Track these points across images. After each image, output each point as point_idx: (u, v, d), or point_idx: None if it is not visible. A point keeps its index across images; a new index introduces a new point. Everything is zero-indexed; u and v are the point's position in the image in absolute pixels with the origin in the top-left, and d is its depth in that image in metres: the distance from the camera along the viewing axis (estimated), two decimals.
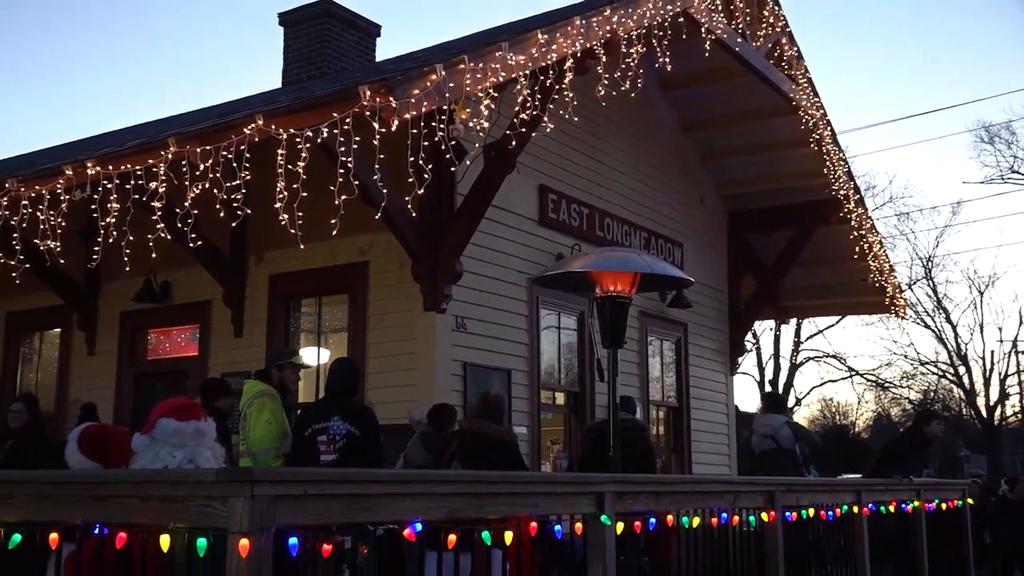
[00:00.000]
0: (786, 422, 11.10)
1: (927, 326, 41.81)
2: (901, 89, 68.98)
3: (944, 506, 10.82)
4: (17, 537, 4.17)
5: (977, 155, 43.01)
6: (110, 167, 8.78)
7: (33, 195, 9.30)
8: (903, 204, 43.07)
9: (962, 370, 42.51)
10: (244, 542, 3.44)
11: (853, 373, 42.87)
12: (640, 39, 10.07)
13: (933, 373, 44.37)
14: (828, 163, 13.90)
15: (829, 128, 13.84)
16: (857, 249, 14.88)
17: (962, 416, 47.13)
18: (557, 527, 5.00)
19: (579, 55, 9.35)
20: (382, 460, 7.09)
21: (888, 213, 39.88)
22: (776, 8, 12.87)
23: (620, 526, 5.34)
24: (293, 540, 3.66)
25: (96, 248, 9.12)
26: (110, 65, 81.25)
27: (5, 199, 9.48)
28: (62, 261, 10.43)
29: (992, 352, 42.83)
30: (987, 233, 61.32)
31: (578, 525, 5.15)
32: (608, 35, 9.65)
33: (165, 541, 3.74)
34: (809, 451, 11.46)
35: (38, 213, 9.25)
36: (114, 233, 8.80)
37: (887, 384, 44.20)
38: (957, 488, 11.89)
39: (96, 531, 4.03)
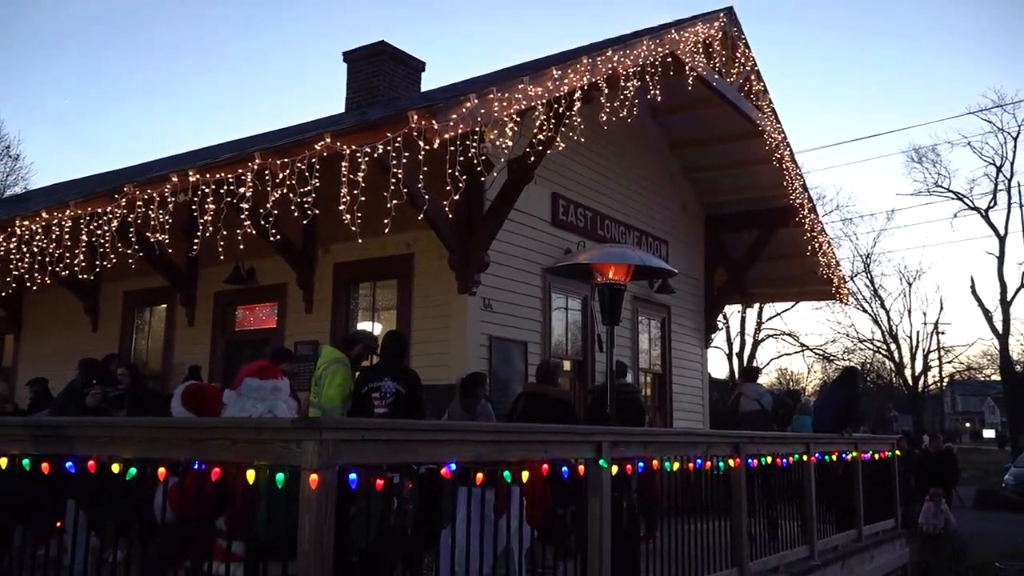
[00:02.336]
0: (767, 390, 11.33)
1: (865, 311, 41.69)
2: (847, 116, 68.36)
3: (877, 456, 10.77)
4: (133, 470, 4.20)
5: (908, 172, 43.15)
6: (207, 175, 8.81)
7: (146, 197, 9.35)
8: (847, 211, 42.94)
9: (893, 347, 42.35)
10: (314, 476, 3.46)
11: (804, 348, 42.76)
12: (636, 75, 10.01)
13: (869, 349, 44.23)
14: (787, 177, 13.79)
15: (788, 149, 13.73)
16: (809, 247, 14.75)
17: (892, 384, 47.00)
18: (564, 469, 5.01)
19: (586, 87, 9.30)
20: (424, 413, 7.10)
21: (835, 219, 39.72)
22: (746, 51, 12.76)
23: (615, 469, 5.35)
24: (352, 476, 3.67)
25: (195, 240, 9.15)
26: (207, 92, 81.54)
27: (123, 200, 9.53)
28: (168, 250, 10.54)
29: (917, 332, 42.88)
30: (915, 236, 60.83)
31: (580, 468, 5.16)
32: (610, 71, 9.59)
33: (251, 475, 3.76)
34: (783, 412, 11.48)
35: (149, 212, 9.29)
36: (210, 228, 8.83)
37: (831, 357, 43.96)
38: (888, 442, 11.85)
39: (195, 466, 4.06)
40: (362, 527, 4.17)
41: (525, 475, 4.63)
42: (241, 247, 8.91)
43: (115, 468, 4.22)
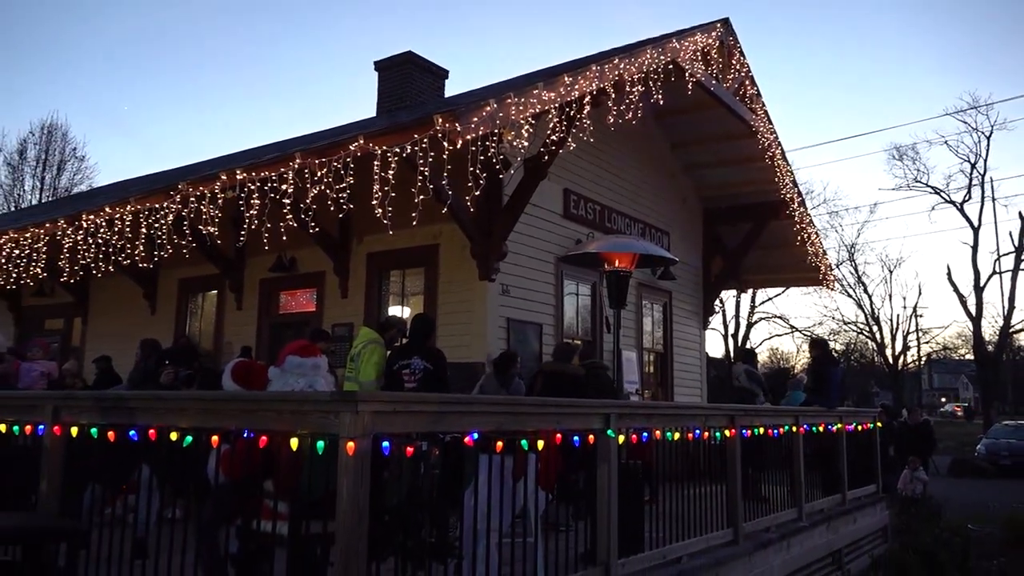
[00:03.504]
0: (745, 369, 11.35)
1: (850, 295, 41.29)
2: (833, 118, 67.64)
3: (860, 428, 10.72)
4: (189, 438, 4.25)
5: (889, 169, 42.75)
6: (253, 173, 8.84)
7: (198, 193, 9.39)
8: (833, 205, 42.55)
9: (875, 329, 42.00)
10: (351, 444, 3.48)
11: (794, 330, 42.41)
12: (640, 81, 9.94)
13: (853, 330, 43.90)
14: (778, 174, 13.66)
15: (779, 148, 13.59)
16: (799, 238, 14.63)
17: (874, 363, 46.66)
18: (576, 438, 5.02)
19: (595, 92, 9.25)
20: (448, 388, 7.13)
21: (822, 211, 39.27)
22: (741, 58, 12.63)
23: (621, 438, 5.35)
24: (385, 443, 3.69)
25: (242, 232, 9.18)
26: (252, 99, 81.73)
27: (178, 196, 9.58)
28: (218, 241, 10.60)
29: (898, 315, 42.50)
30: (896, 227, 60.14)
31: (591, 437, 5.16)
32: (617, 78, 9.53)
33: (294, 442, 3.79)
34: (771, 385, 11.54)
35: (201, 207, 9.34)
36: (255, 221, 8.88)
37: (819, 338, 43.65)
38: (870, 415, 11.78)
39: (245, 435, 4.10)
40: (394, 490, 4.20)
41: (541, 444, 4.65)
42: (283, 238, 8.96)
43: (173, 436, 4.27)
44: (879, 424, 11.82)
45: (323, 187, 8.12)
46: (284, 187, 8.53)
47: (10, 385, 8.93)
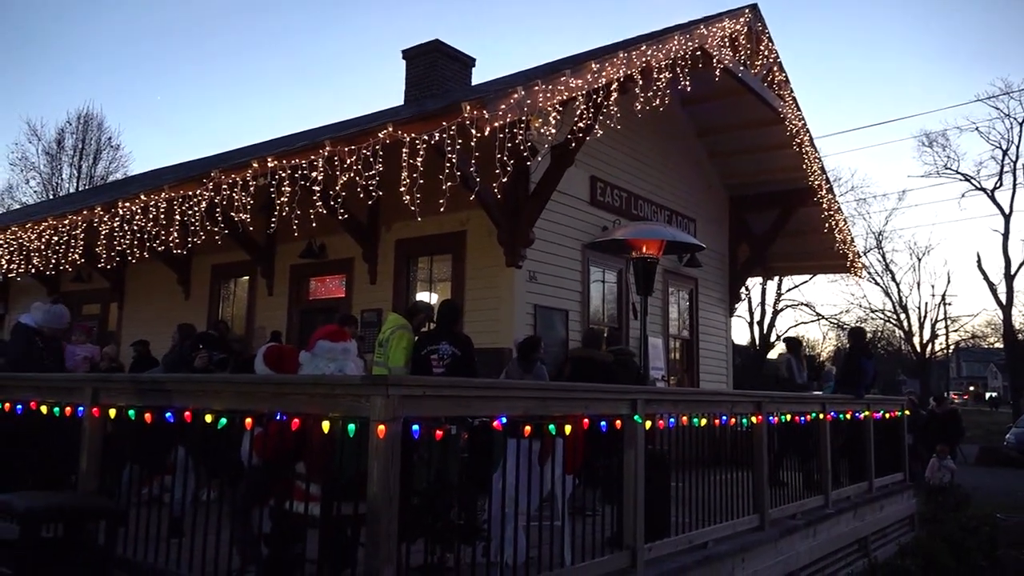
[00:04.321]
0: (787, 359, 11.31)
1: (877, 283, 40.70)
2: (862, 104, 66.61)
3: (887, 415, 10.58)
4: (224, 420, 4.29)
5: (919, 156, 41.69)
6: (283, 161, 8.89)
7: (230, 181, 9.47)
8: (861, 192, 41.82)
9: (903, 316, 41.38)
10: (381, 427, 3.49)
11: (820, 317, 41.88)
12: (667, 67, 9.83)
13: (880, 318, 43.27)
14: (806, 161, 13.48)
15: (808, 135, 13.40)
16: (826, 225, 14.46)
17: (901, 351, 46.02)
18: (603, 423, 5.00)
19: (622, 79, 9.17)
20: (476, 373, 7.13)
21: (850, 199, 38.66)
22: (770, 44, 12.44)
23: (648, 424, 5.32)
24: (415, 427, 3.70)
25: (273, 219, 9.26)
26: (282, 87, 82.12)
27: (211, 184, 9.67)
28: (250, 228, 10.68)
29: (926, 303, 42.00)
30: (925, 215, 59.12)
31: (617, 422, 5.14)
32: (644, 65, 9.43)
33: (326, 425, 3.81)
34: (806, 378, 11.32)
35: (233, 194, 9.42)
36: (286, 208, 8.93)
37: (845, 326, 43.09)
38: (898, 403, 11.62)
39: (278, 417, 4.13)
40: (423, 472, 4.22)
41: (568, 428, 4.63)
42: (313, 225, 9.01)
43: (208, 418, 4.32)
44: (907, 412, 11.66)
45: (352, 174, 8.14)
46: (314, 174, 8.56)
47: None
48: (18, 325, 7.36)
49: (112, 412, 4.95)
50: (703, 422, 6.08)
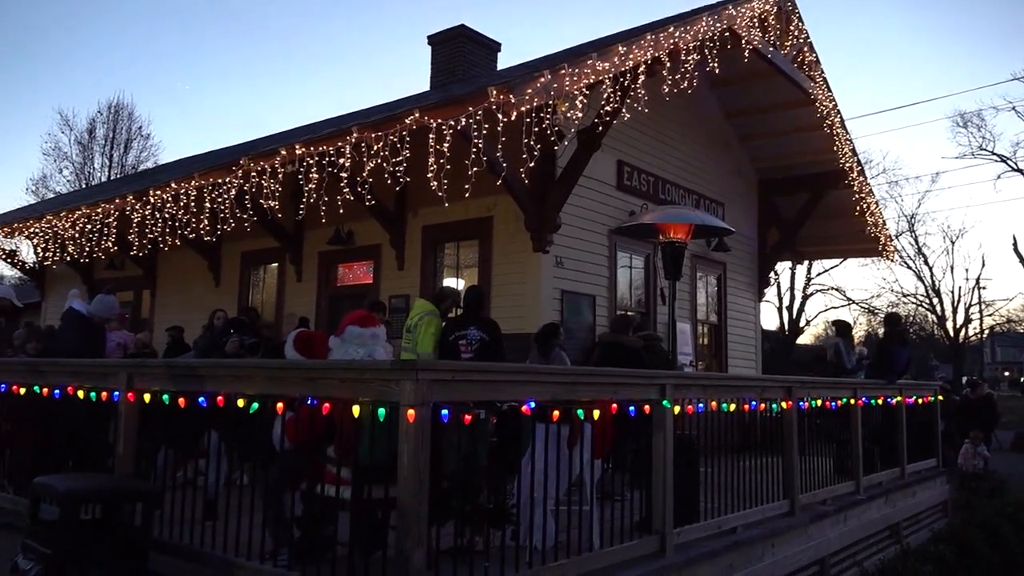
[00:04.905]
0: (834, 344, 11.14)
1: (909, 267, 40.11)
2: (894, 84, 65.41)
3: (920, 401, 10.44)
4: (256, 405, 4.35)
5: (953, 136, 40.79)
6: (311, 148, 8.94)
7: (259, 168, 9.55)
8: (893, 175, 41.14)
9: (935, 301, 40.76)
10: (411, 411, 3.52)
11: (851, 302, 41.38)
12: (695, 49, 9.72)
13: (913, 303, 42.64)
14: (837, 143, 13.28)
15: (839, 116, 13.18)
16: (858, 208, 14.23)
17: (933, 335, 45.35)
18: (631, 408, 4.99)
19: (649, 62, 9.08)
20: (504, 358, 7.15)
21: (882, 182, 38.06)
22: (800, 24, 12.24)
23: (677, 409, 5.31)
24: (444, 411, 3.73)
25: (301, 206, 9.32)
26: (306, 74, 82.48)
27: (240, 171, 9.76)
28: (278, 215, 10.76)
29: (959, 287, 41.00)
30: (959, 197, 58.01)
31: (646, 407, 5.13)
32: (671, 47, 9.33)
33: (356, 409, 3.85)
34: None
35: (262, 181, 9.50)
36: (314, 195, 8.99)
37: (876, 310, 42.55)
38: (931, 388, 11.46)
39: (309, 402, 4.18)
40: (452, 456, 4.24)
41: (596, 413, 4.63)
42: (341, 212, 9.05)
43: (240, 403, 4.38)
44: (941, 397, 11.50)
45: (379, 160, 8.17)
46: (341, 161, 8.61)
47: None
48: (74, 314, 7.44)
49: (147, 397, 5.03)
50: (732, 407, 6.05)
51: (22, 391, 6.03)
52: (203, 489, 5.34)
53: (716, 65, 10.06)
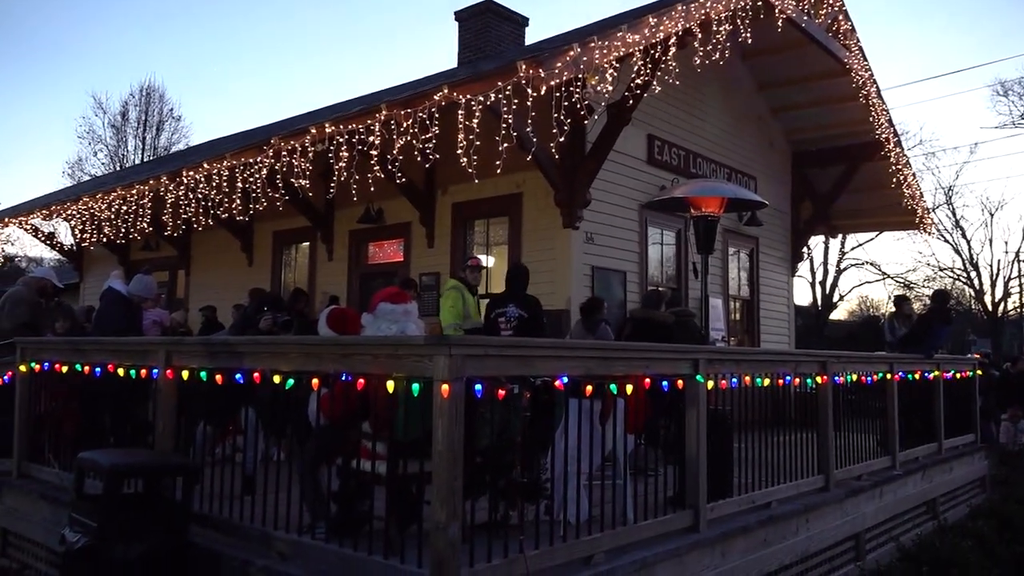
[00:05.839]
0: (887, 321, 11.06)
1: (946, 240, 39.20)
2: (931, 53, 63.86)
3: (958, 376, 10.27)
4: (291, 381, 4.39)
5: (993, 105, 39.63)
6: (341, 126, 8.95)
7: (289, 148, 9.59)
8: (930, 146, 40.24)
9: (973, 275, 39.89)
10: (445, 386, 3.52)
11: (885, 276, 40.65)
12: (727, 19, 9.54)
13: (950, 277, 41.73)
14: (873, 113, 13.00)
15: (875, 86, 12.89)
16: (894, 180, 13.96)
17: (971, 310, 44.51)
18: (664, 383, 4.97)
19: (680, 33, 8.94)
20: (544, 334, 7.19)
21: (918, 153, 37.17)
22: None
23: (710, 383, 5.27)
24: (478, 386, 3.73)
25: (332, 184, 9.36)
26: (333, 53, 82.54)
27: (271, 151, 9.82)
28: (309, 194, 10.81)
29: (998, 261, 40.03)
30: (999, 168, 56.45)
31: (679, 382, 5.10)
32: (703, 17, 9.17)
33: (390, 385, 3.87)
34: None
35: (292, 160, 9.55)
36: (344, 174, 9.02)
37: (912, 285, 41.80)
38: (969, 362, 11.26)
39: (343, 378, 4.21)
40: (486, 431, 4.26)
41: (629, 388, 4.62)
42: (371, 190, 9.07)
43: (276, 379, 4.43)
44: (979, 372, 11.30)
45: (409, 138, 8.16)
46: (371, 139, 8.61)
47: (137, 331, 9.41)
48: (114, 294, 7.57)
49: (185, 374, 5.11)
50: (766, 382, 5.99)
51: (64, 369, 6.16)
52: (241, 465, 5.43)
53: (748, 35, 9.88)
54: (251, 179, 10.28)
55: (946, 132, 55.41)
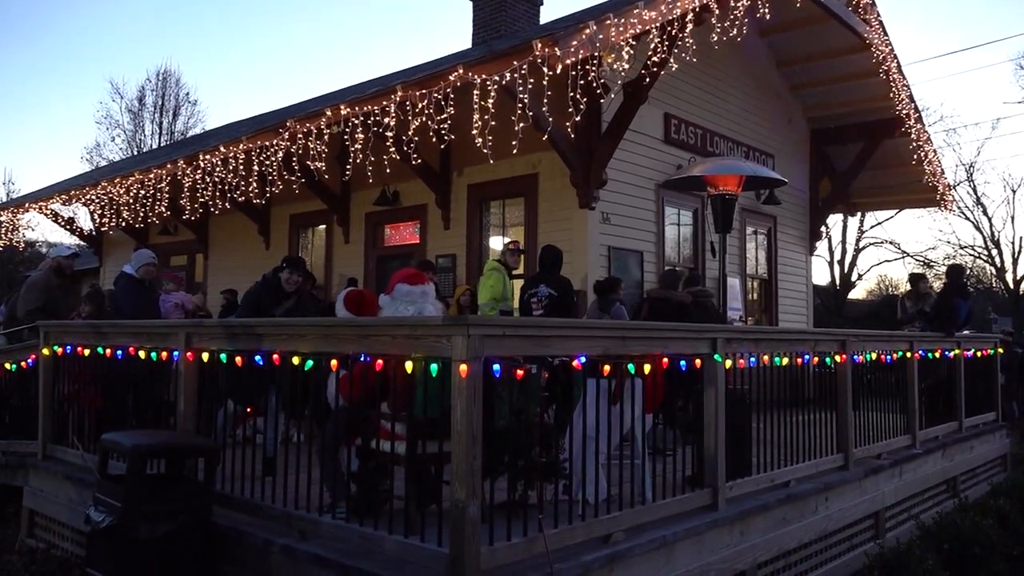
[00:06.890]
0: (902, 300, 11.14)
1: (967, 218, 38.68)
2: (953, 27, 62.69)
3: (979, 354, 10.18)
4: (310, 362, 4.41)
5: (1016, 80, 38.87)
6: (356, 108, 8.93)
7: (305, 130, 9.58)
8: (951, 122, 39.65)
9: (994, 252, 39.38)
10: (463, 367, 3.52)
11: (905, 255, 40.20)
12: None
13: (970, 255, 41.23)
14: (894, 89, 12.80)
15: (895, 61, 12.68)
16: (915, 157, 13.75)
17: (992, 288, 44.03)
18: (682, 363, 4.95)
19: (697, 10, 8.82)
20: (574, 313, 7.23)
21: (939, 129, 36.61)
22: None
23: (728, 363, 5.25)
24: (496, 366, 3.72)
25: (348, 167, 9.35)
26: (345, 37, 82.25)
27: (287, 134, 9.81)
28: (325, 176, 10.83)
29: (1020, 238, 39.55)
30: (1022, 144, 55.41)
31: (697, 362, 5.08)
32: None
33: (409, 366, 3.88)
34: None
35: (308, 143, 9.54)
36: (359, 156, 9.01)
37: (932, 263, 41.35)
38: (991, 340, 11.15)
39: (362, 359, 4.22)
40: (504, 411, 4.26)
41: (647, 368, 4.60)
42: (387, 171, 9.06)
43: (295, 360, 4.45)
44: (1000, 350, 11.19)
45: (424, 119, 8.13)
46: (386, 120, 8.58)
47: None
48: (125, 276, 7.64)
49: (205, 356, 5.15)
50: (785, 361, 5.96)
51: (86, 352, 6.23)
52: (262, 446, 5.48)
53: (767, 11, 9.75)
54: (267, 162, 10.30)
55: (967, 108, 54.62)
